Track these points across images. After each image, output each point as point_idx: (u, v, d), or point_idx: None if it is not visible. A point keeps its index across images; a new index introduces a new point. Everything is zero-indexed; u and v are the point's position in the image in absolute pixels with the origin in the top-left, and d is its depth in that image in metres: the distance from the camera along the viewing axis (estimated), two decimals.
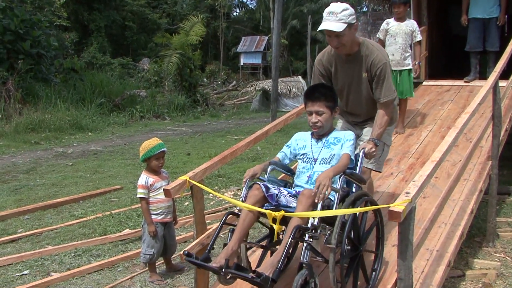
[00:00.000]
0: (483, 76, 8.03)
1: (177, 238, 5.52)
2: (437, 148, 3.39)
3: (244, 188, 3.26)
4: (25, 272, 4.82)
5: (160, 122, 17.50)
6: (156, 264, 4.63)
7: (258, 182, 3.20)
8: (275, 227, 3.00)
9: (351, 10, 3.49)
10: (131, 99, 18.58)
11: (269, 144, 11.51)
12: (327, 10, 3.50)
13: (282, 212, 3.03)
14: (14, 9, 15.99)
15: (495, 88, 5.16)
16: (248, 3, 44.13)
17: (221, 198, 7.18)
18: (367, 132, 3.83)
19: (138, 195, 4.44)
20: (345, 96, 3.83)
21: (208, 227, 3.67)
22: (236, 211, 3.25)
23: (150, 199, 4.45)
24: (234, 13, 44.70)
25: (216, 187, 7.75)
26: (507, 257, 5.06)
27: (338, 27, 3.42)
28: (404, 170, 5.50)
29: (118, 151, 11.37)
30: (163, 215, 4.50)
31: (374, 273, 3.41)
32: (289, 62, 36.48)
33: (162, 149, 4.44)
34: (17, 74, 15.18)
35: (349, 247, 2.99)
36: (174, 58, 19.35)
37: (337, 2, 3.57)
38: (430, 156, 3.25)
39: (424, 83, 8.54)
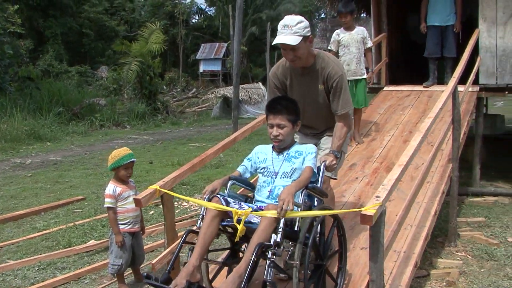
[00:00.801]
0: (441, 81, 8.28)
1: (144, 247, 5.47)
2: (400, 152, 3.48)
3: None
4: None
5: (120, 130, 17.29)
6: (125, 275, 4.56)
7: (218, 195, 3.14)
8: (239, 227, 2.95)
9: (306, 23, 3.44)
10: (90, 107, 18.33)
11: (232, 151, 11.51)
12: (281, 23, 3.44)
13: (249, 210, 3.01)
14: None
15: (454, 93, 5.32)
16: (207, 10, 44.01)
17: (186, 207, 7.14)
18: (325, 141, 3.84)
19: (106, 205, 4.34)
20: (302, 108, 3.67)
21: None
22: (195, 228, 3.14)
23: (118, 208, 4.34)
24: (193, 20, 44.58)
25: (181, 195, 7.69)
26: (468, 256, 5.22)
27: (293, 40, 3.37)
28: (369, 174, 5.59)
29: (78, 161, 11.13)
30: (131, 225, 4.41)
31: (340, 271, 3.40)
32: (249, 68, 36.66)
33: (132, 159, 4.37)
34: None
35: (312, 264, 2.97)
36: (134, 65, 19.16)
37: (291, 14, 3.53)
38: (394, 160, 3.33)
39: (385, 88, 8.73)
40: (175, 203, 7.07)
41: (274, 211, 2.86)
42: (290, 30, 3.38)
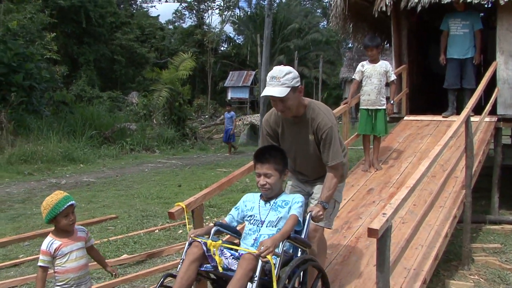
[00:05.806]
0: (460, 111, 8.50)
1: (172, 262, 5.81)
2: None
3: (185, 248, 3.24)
4: None
5: (150, 154, 17.84)
6: None
7: (199, 240, 3.18)
8: (217, 258, 3.06)
9: (294, 74, 3.47)
10: (121, 132, 18.95)
11: None
12: (269, 74, 3.47)
13: (219, 242, 3.12)
14: (8, 43, 16.42)
15: (467, 122, 5.61)
16: (235, 38, 45.09)
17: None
18: (318, 190, 3.82)
19: (38, 263, 3.46)
20: (293, 156, 3.78)
21: None
22: (175, 273, 3.17)
23: (56, 267, 3.46)
24: (222, 48, 45.63)
25: (208, 217, 8.06)
26: (480, 279, 5.43)
27: (281, 92, 3.39)
28: (386, 198, 5.89)
29: (110, 182, 11.63)
30: None
31: None
32: None
33: (70, 203, 3.49)
34: (10, 106, 15.51)
35: None
36: (164, 92, 19.83)
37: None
38: None
39: (405, 118, 8.99)
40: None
41: (254, 250, 2.97)
42: (278, 81, 3.41)
